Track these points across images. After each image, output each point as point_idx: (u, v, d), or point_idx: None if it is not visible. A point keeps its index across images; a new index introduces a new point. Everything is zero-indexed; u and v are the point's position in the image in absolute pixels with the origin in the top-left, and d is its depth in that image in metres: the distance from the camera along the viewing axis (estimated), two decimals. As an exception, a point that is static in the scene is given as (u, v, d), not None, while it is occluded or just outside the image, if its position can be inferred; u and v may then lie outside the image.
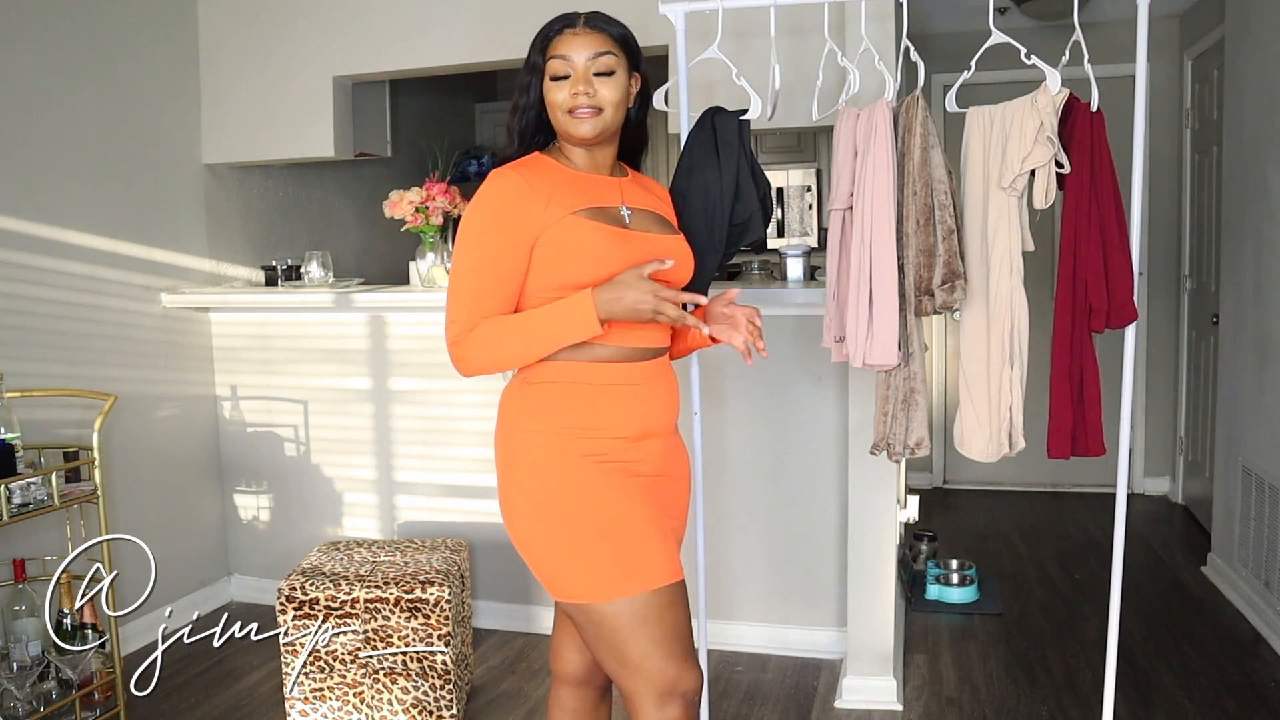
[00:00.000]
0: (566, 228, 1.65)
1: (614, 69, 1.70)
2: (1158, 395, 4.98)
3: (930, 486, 5.30)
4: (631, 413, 1.72)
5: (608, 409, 1.70)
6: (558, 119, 1.72)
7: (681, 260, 1.77)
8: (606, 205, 1.73)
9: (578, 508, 1.67)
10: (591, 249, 1.65)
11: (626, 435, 1.72)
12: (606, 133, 1.73)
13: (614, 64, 1.70)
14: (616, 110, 1.72)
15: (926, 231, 2.19)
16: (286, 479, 3.69)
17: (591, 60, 1.69)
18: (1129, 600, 3.36)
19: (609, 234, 1.68)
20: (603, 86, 1.69)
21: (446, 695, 2.68)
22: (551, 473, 1.68)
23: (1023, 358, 2.17)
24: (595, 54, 1.69)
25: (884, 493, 2.83)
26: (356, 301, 3.43)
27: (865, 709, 2.83)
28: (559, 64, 1.70)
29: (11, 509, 2.47)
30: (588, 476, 1.68)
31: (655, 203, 1.84)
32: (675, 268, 1.72)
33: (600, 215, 1.70)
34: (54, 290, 3.10)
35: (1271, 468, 3.25)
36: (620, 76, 1.72)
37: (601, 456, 1.69)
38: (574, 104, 1.68)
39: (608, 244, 1.67)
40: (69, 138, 3.15)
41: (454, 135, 5.63)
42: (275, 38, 3.60)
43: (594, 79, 1.69)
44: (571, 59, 1.69)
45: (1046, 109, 2.07)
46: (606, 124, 1.71)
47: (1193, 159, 4.70)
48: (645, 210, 1.79)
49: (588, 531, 1.66)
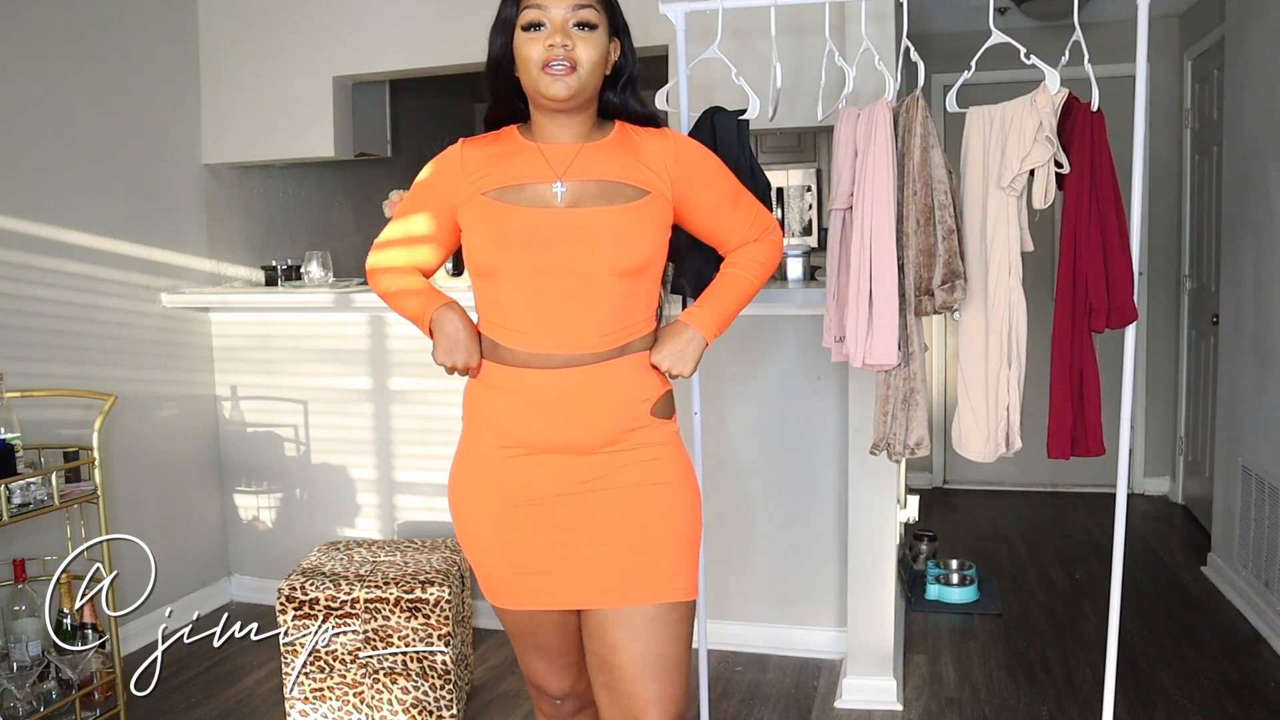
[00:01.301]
0: (471, 208, 1.59)
1: (596, 24, 1.54)
2: (1158, 395, 4.98)
3: (930, 486, 5.30)
4: (531, 422, 1.58)
5: (506, 415, 1.60)
6: (530, 77, 1.53)
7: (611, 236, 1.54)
8: (530, 182, 1.57)
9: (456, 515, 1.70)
10: (483, 230, 1.57)
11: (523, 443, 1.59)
12: (583, 95, 1.55)
13: (594, 18, 1.53)
14: (594, 71, 1.54)
15: (926, 231, 2.19)
16: (286, 479, 3.69)
17: (571, 12, 1.52)
18: (1129, 600, 3.36)
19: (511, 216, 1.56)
20: (581, 42, 1.52)
21: (446, 695, 2.68)
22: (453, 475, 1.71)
23: (1020, 358, 2.17)
24: (577, 5, 1.52)
25: (884, 493, 2.83)
26: (356, 301, 3.43)
27: (865, 709, 2.83)
28: (533, 13, 1.52)
29: (11, 509, 2.47)
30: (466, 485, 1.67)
31: (620, 168, 1.60)
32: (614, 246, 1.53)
33: (514, 195, 1.56)
34: (54, 290, 3.10)
35: (1271, 468, 3.25)
36: (601, 35, 1.54)
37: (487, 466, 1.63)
38: (548, 56, 1.50)
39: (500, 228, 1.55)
40: (69, 138, 3.15)
41: (454, 135, 5.53)
42: (275, 38, 3.60)
43: (572, 31, 1.52)
44: (548, 8, 1.51)
45: (1045, 109, 2.07)
46: (583, 83, 1.53)
47: (1193, 159, 4.70)
48: (597, 180, 1.57)
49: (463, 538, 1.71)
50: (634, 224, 1.56)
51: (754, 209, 1.78)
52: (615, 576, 1.60)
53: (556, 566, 1.62)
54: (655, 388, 1.64)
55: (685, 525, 1.65)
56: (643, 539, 1.61)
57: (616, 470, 1.60)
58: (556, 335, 1.56)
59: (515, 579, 1.65)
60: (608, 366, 1.58)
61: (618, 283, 1.55)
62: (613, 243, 1.54)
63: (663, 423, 1.65)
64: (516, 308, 1.57)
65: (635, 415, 1.60)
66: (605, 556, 1.60)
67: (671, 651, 1.61)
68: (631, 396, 1.60)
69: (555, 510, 1.60)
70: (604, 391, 1.58)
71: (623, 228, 1.55)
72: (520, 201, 1.56)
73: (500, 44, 1.58)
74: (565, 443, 1.58)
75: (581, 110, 1.59)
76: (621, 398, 1.59)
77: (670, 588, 1.61)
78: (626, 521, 1.60)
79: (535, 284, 1.55)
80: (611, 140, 1.62)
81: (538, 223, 1.55)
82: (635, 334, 1.61)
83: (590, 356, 1.56)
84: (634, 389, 1.60)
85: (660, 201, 1.60)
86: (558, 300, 1.55)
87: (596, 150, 1.60)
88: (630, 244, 1.55)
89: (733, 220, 1.74)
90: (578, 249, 1.54)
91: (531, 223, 1.55)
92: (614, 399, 1.58)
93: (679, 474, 1.66)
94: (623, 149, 1.61)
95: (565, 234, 1.54)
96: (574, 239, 1.54)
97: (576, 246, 1.54)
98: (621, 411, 1.59)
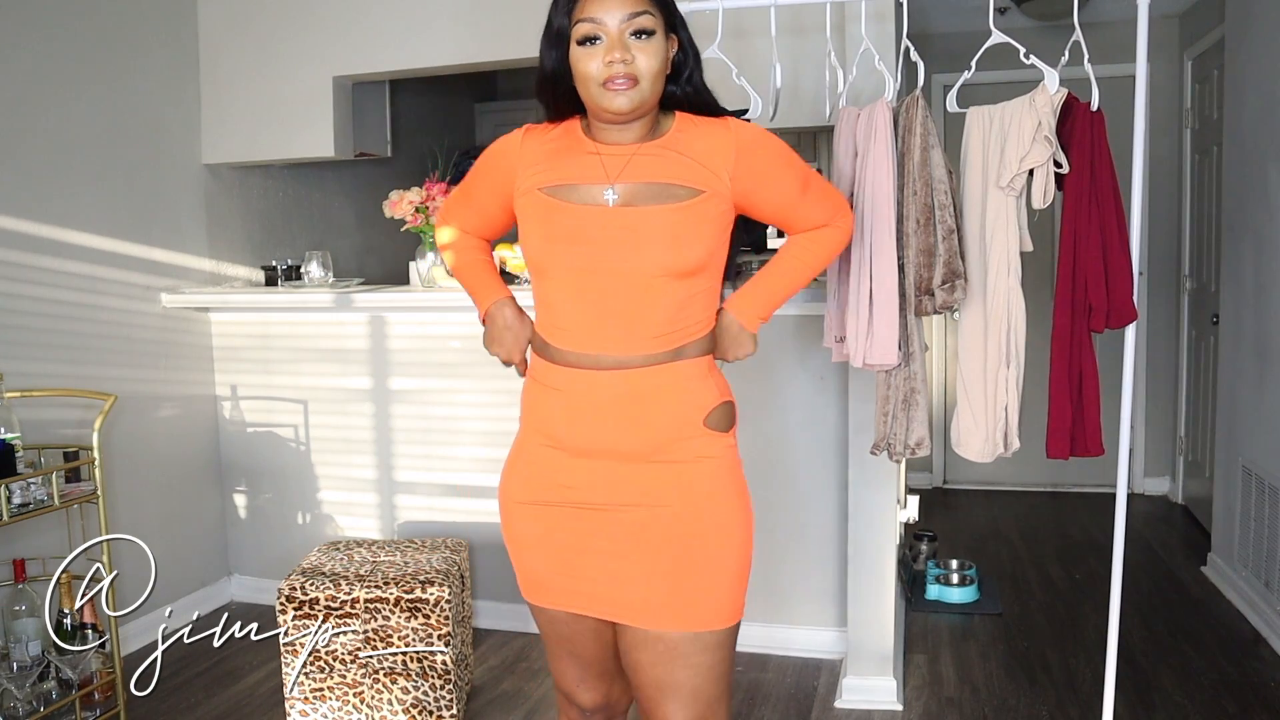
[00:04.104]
0: (526, 201, 1.58)
1: (652, 29, 1.47)
2: (1158, 395, 4.98)
3: (930, 486, 5.30)
4: (577, 425, 1.56)
5: (554, 415, 1.58)
6: (590, 93, 1.49)
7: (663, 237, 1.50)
8: (585, 183, 1.54)
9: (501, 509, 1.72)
10: (536, 227, 1.56)
11: (567, 447, 1.58)
12: (645, 106, 1.51)
13: (651, 24, 1.47)
14: (655, 81, 1.49)
15: (926, 231, 2.19)
16: (286, 479, 3.69)
17: (626, 21, 1.46)
18: (1129, 600, 3.36)
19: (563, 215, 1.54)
20: (640, 52, 1.46)
21: (446, 695, 2.68)
22: (503, 469, 1.72)
23: (1019, 358, 2.17)
24: (630, 13, 1.46)
25: (884, 493, 2.83)
26: (356, 301, 3.43)
27: (865, 709, 2.83)
28: (588, 26, 1.46)
29: (11, 509, 2.47)
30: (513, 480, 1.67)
31: (673, 169, 1.54)
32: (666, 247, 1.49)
33: (567, 193, 1.54)
34: (54, 290, 3.10)
35: (1271, 468, 3.25)
36: (659, 39, 1.48)
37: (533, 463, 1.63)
38: (609, 74, 1.46)
39: (553, 227, 1.54)
40: (69, 138, 3.15)
41: (454, 135, 5.62)
42: (275, 38, 3.60)
43: (629, 41, 1.46)
44: (602, 20, 1.45)
45: (1045, 109, 2.07)
46: (644, 97, 1.48)
47: (1193, 159, 4.70)
48: (649, 182, 1.52)
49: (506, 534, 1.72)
50: (686, 224, 1.50)
51: (824, 193, 1.69)
52: (645, 597, 1.55)
53: (591, 574, 1.59)
54: (711, 397, 1.57)
55: (725, 549, 1.57)
56: (677, 563, 1.55)
57: (661, 484, 1.54)
58: (605, 337, 1.52)
59: (552, 577, 1.62)
60: (659, 371, 1.53)
61: (670, 284, 1.51)
62: (664, 243, 1.49)
63: (716, 435, 1.57)
64: (566, 307, 1.55)
65: (686, 425, 1.55)
66: (637, 577, 1.56)
67: (692, 680, 1.55)
68: (683, 404, 1.55)
69: (595, 519, 1.57)
70: (653, 397, 1.53)
71: (675, 227, 1.50)
72: (573, 200, 1.53)
73: (555, 57, 1.53)
74: (610, 448, 1.54)
75: (647, 115, 1.55)
76: (672, 405, 1.54)
77: (699, 616, 1.55)
78: (664, 543, 1.55)
79: (583, 284, 1.52)
80: (669, 138, 1.56)
81: (587, 221, 1.51)
82: (690, 337, 1.55)
83: (640, 359, 1.52)
84: (686, 396, 1.55)
85: (715, 200, 1.53)
86: (607, 301, 1.51)
87: (651, 151, 1.54)
88: (683, 244, 1.50)
89: (801, 207, 1.66)
90: (627, 249, 1.50)
91: (581, 221, 1.52)
92: (664, 406, 1.53)
93: (726, 493, 1.58)
94: (678, 147, 1.55)
95: (615, 234, 1.50)
96: (624, 239, 1.50)
97: (626, 247, 1.50)
98: (671, 420, 1.54)
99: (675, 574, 1.55)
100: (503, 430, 3.40)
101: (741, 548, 1.60)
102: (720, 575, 1.56)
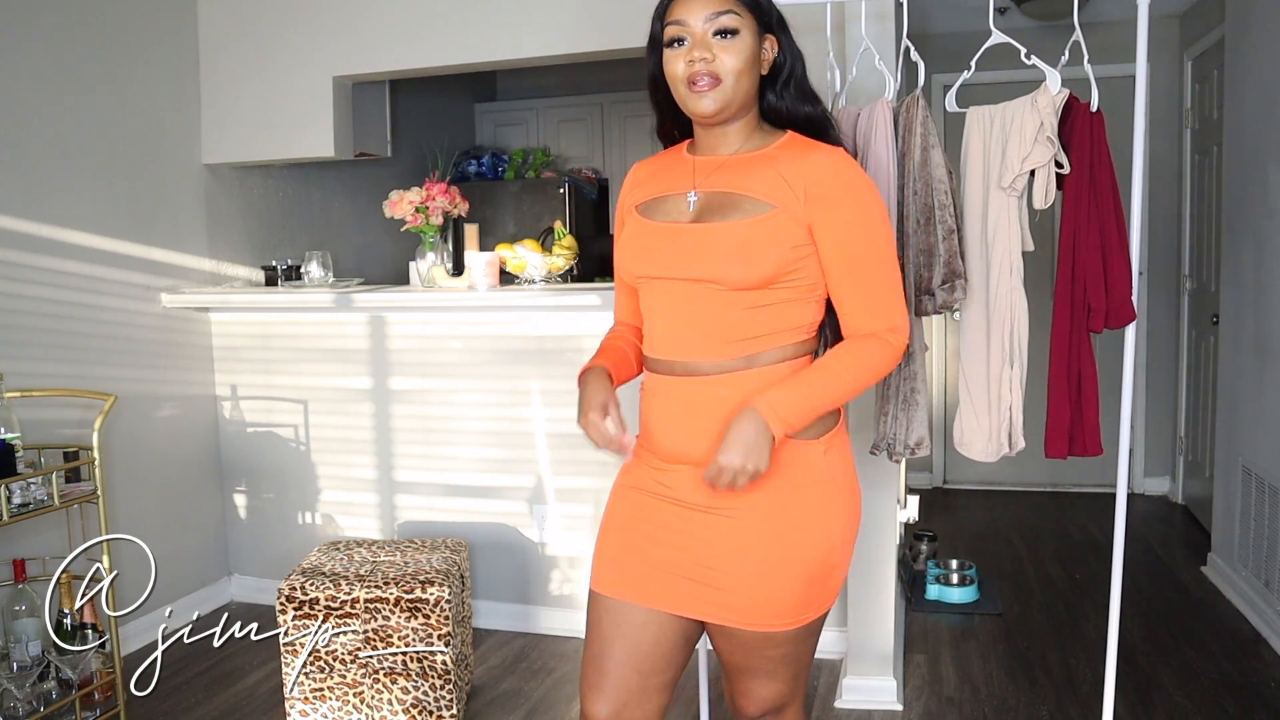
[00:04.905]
0: (625, 221, 1.67)
1: (737, 28, 1.49)
2: (1158, 395, 4.98)
3: (930, 486, 5.30)
4: (661, 430, 1.59)
5: (649, 422, 1.62)
6: (679, 94, 1.53)
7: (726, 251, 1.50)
8: (672, 194, 1.59)
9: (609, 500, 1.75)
10: (623, 247, 1.64)
11: (657, 452, 1.61)
12: (732, 107, 1.52)
13: (736, 23, 1.49)
14: (740, 79, 1.50)
15: (927, 231, 2.19)
16: (286, 479, 3.69)
17: (710, 20, 1.49)
18: (1129, 600, 3.36)
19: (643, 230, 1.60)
20: (723, 51, 1.49)
21: (446, 695, 2.68)
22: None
23: (1022, 357, 2.17)
24: (714, 13, 1.49)
25: (884, 493, 2.83)
26: (356, 301, 3.43)
27: (865, 709, 2.83)
28: (674, 28, 1.51)
29: (11, 509, 2.47)
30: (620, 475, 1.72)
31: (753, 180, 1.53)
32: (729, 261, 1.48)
33: (655, 209, 1.60)
34: (54, 290, 3.11)
35: (1271, 468, 3.25)
36: (746, 39, 1.50)
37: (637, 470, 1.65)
38: (691, 72, 1.49)
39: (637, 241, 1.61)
40: (69, 138, 3.15)
41: (454, 135, 5.63)
42: (275, 38, 3.60)
43: (712, 41, 1.49)
44: (686, 21, 1.50)
45: (1046, 109, 2.07)
46: (729, 97, 1.50)
47: (1193, 159, 4.70)
48: (727, 192, 1.54)
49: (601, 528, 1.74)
50: (752, 238, 1.49)
51: (882, 295, 1.54)
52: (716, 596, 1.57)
53: (668, 568, 1.59)
54: None
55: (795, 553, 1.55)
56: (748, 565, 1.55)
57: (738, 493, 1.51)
58: (677, 343, 1.56)
59: (629, 563, 1.62)
60: (731, 378, 1.52)
61: (737, 295, 1.51)
62: (727, 257, 1.49)
63: (802, 443, 1.55)
64: (650, 316, 1.61)
65: None
66: (710, 579, 1.57)
67: (765, 667, 1.62)
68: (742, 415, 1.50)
69: (683, 516, 1.58)
70: (724, 404, 1.51)
71: (740, 242, 1.49)
72: (657, 215, 1.59)
73: (653, 62, 1.58)
74: (685, 453, 1.56)
75: (737, 119, 1.56)
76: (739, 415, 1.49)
77: (764, 618, 1.56)
78: (738, 552, 1.55)
79: (659, 294, 1.58)
80: (767, 152, 1.56)
81: (660, 237, 1.57)
82: (768, 345, 1.53)
83: (710, 366, 1.53)
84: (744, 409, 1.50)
85: (785, 216, 1.50)
86: (679, 309, 1.55)
87: (743, 160, 1.56)
88: (746, 259, 1.49)
89: (846, 291, 1.54)
90: (692, 262, 1.52)
91: (654, 237, 1.58)
92: (729, 413, 1.50)
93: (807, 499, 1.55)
94: (770, 160, 1.54)
95: (683, 247, 1.54)
96: (690, 252, 1.52)
97: (691, 260, 1.52)
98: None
99: (746, 577, 1.56)
100: (503, 430, 3.41)
101: (815, 549, 1.57)
102: (789, 578, 1.56)
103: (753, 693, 1.66)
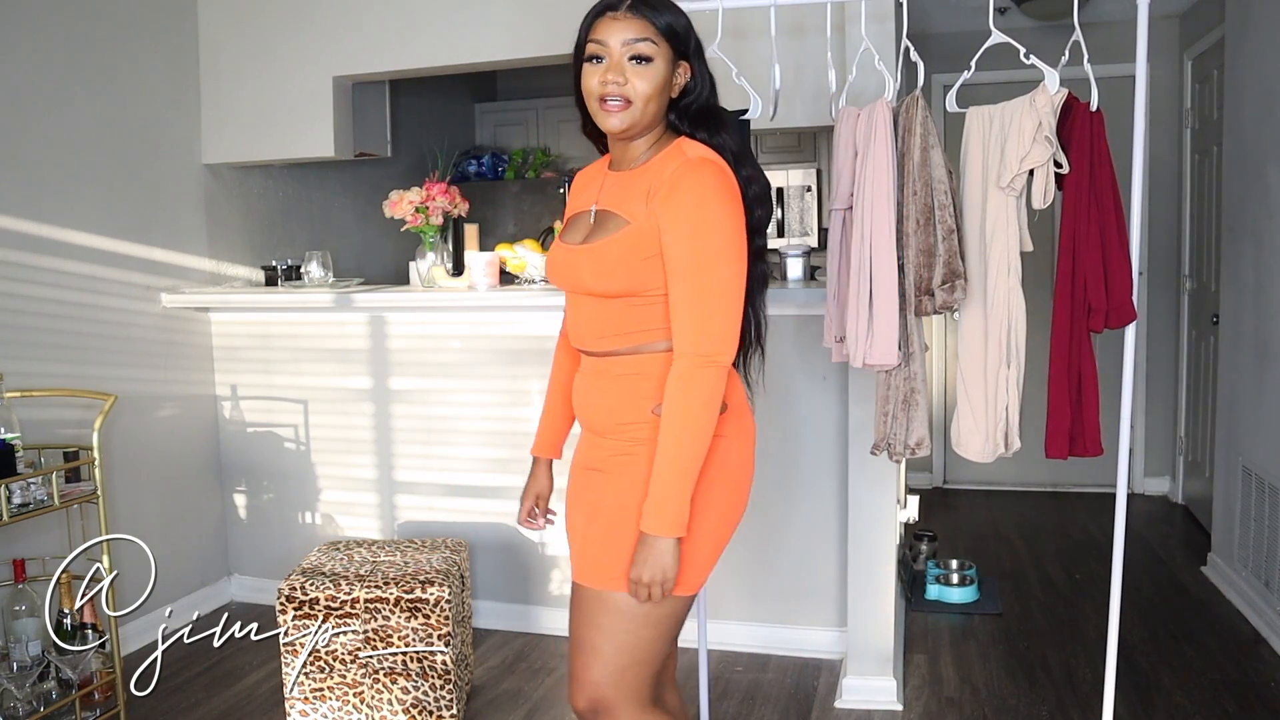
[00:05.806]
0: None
1: (652, 56, 1.60)
2: (1158, 395, 4.98)
3: (930, 486, 5.30)
4: (579, 404, 1.79)
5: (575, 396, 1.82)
6: (591, 107, 1.65)
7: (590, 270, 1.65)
8: (585, 210, 1.75)
9: None
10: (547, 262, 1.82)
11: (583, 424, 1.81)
12: (638, 127, 1.64)
13: (652, 51, 1.60)
14: (649, 104, 1.61)
15: (926, 231, 2.19)
16: (286, 479, 3.69)
17: (627, 45, 1.59)
18: (1129, 600, 3.36)
19: (555, 250, 1.78)
20: (636, 76, 1.60)
21: (446, 695, 2.68)
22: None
23: (1020, 358, 2.17)
24: (632, 39, 1.59)
25: (884, 493, 2.83)
26: (356, 301, 3.43)
27: (865, 709, 2.83)
28: (593, 46, 1.62)
29: (11, 509, 2.47)
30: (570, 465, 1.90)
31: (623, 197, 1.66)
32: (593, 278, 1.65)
33: (571, 227, 1.77)
34: (54, 290, 3.11)
35: (1271, 468, 3.25)
36: (659, 66, 1.61)
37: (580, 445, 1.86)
38: (603, 92, 1.60)
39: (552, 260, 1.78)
40: (69, 138, 3.15)
41: (454, 135, 5.63)
42: (275, 38, 3.60)
43: (627, 65, 1.60)
44: (606, 42, 1.60)
45: (1045, 109, 2.07)
46: (635, 118, 1.62)
47: (1193, 159, 4.70)
48: (605, 210, 1.69)
49: None
50: (606, 257, 1.64)
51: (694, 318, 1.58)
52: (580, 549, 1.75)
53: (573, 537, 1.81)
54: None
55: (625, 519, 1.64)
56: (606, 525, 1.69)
57: (612, 455, 1.71)
58: (583, 336, 1.74)
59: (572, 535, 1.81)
60: (625, 361, 1.69)
61: (613, 300, 1.67)
62: (594, 275, 1.65)
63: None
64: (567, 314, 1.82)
65: (636, 408, 1.68)
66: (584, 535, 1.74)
67: (588, 636, 1.67)
68: (636, 390, 1.68)
69: (578, 482, 1.80)
70: (612, 380, 1.71)
71: (599, 261, 1.65)
72: (567, 235, 1.76)
73: (575, 71, 1.68)
74: (586, 420, 1.78)
75: (642, 135, 1.68)
76: (627, 389, 1.69)
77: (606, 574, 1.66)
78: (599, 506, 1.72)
79: (569, 298, 1.78)
80: (652, 163, 1.66)
81: (561, 256, 1.74)
82: (652, 337, 1.67)
83: (606, 353, 1.71)
84: (640, 383, 1.67)
85: (635, 230, 1.62)
86: (580, 310, 1.74)
87: (631, 176, 1.68)
88: (606, 276, 1.64)
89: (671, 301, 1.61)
90: (579, 279, 1.69)
91: (558, 256, 1.75)
92: (619, 389, 1.70)
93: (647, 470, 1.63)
94: (645, 173, 1.65)
95: (572, 267, 1.70)
96: (575, 271, 1.69)
97: (577, 277, 1.69)
98: (623, 401, 1.69)
99: (601, 535, 1.69)
100: (502, 430, 3.41)
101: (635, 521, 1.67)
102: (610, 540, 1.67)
103: (578, 674, 1.68)
